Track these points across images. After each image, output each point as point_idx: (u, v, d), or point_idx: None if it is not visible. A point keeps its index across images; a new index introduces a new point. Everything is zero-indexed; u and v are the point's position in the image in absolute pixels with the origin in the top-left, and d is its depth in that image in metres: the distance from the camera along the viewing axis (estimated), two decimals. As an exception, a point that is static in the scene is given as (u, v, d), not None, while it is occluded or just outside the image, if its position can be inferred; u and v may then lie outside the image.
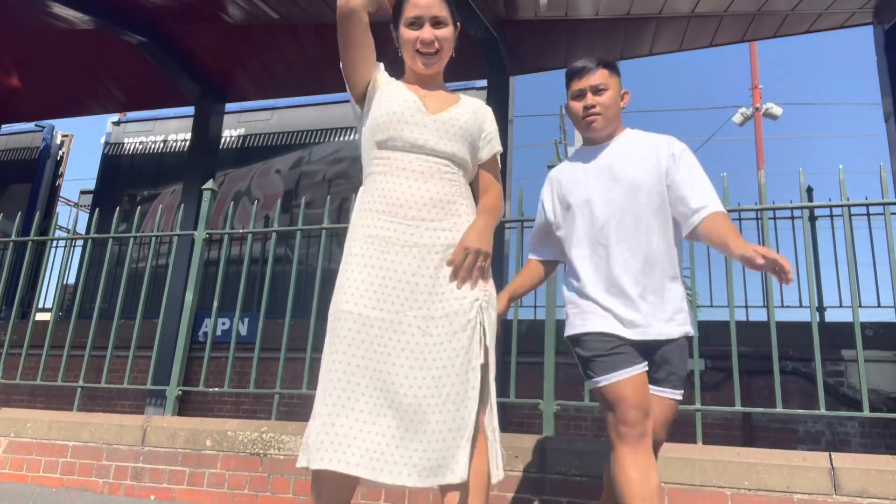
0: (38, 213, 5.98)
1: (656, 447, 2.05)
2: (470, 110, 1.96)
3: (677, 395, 2.09)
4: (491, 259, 1.86)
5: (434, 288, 1.77)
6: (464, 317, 1.75)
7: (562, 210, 2.25)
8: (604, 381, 2.01)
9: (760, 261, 1.85)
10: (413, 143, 1.85)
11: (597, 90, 2.19)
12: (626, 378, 1.98)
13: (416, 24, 1.91)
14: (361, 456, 1.65)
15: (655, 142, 2.22)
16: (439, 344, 1.73)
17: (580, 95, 2.22)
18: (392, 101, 1.90)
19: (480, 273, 1.82)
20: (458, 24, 2.01)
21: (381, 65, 2.03)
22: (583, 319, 2.09)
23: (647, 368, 2.03)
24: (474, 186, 2.03)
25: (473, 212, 1.92)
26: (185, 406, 8.01)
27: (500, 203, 2.02)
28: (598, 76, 2.19)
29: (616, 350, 2.02)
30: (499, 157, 2.07)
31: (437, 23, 1.91)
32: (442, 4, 1.93)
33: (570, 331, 2.13)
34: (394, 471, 1.65)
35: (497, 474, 1.77)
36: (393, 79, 2.03)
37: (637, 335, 2.03)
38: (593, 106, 2.18)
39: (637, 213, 2.10)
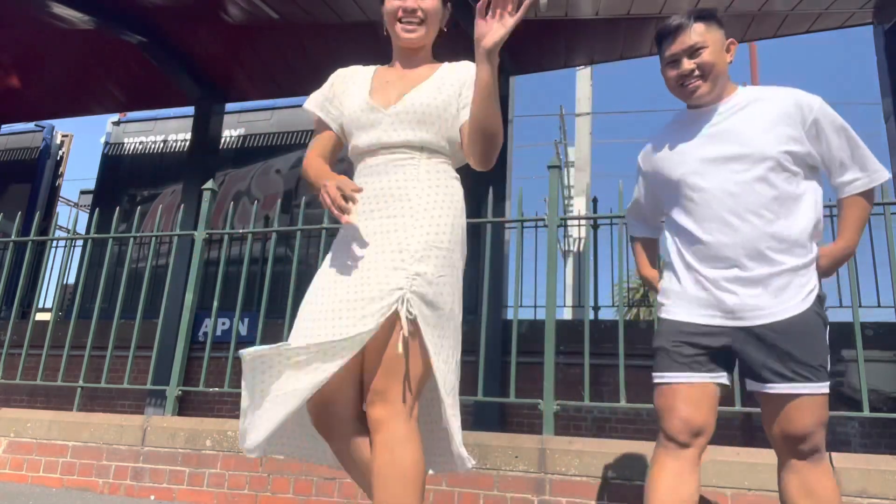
0: (38, 213, 5.98)
1: (807, 456, 1.81)
2: (437, 84, 1.84)
3: (798, 388, 1.77)
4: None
5: (364, 272, 1.71)
6: (377, 303, 1.65)
7: (661, 183, 2.01)
8: (657, 378, 1.88)
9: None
10: (369, 146, 1.84)
11: (694, 52, 1.88)
12: (682, 384, 1.83)
13: None
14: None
15: (784, 102, 1.87)
16: (344, 328, 1.65)
17: (675, 62, 1.91)
18: (350, 104, 1.89)
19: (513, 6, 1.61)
20: (448, 2, 1.93)
21: (337, 74, 2.00)
22: (669, 304, 1.94)
23: (721, 378, 1.84)
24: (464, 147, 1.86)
25: (429, 192, 1.78)
26: (185, 406, 8.00)
27: None
28: (694, 34, 1.88)
29: (686, 348, 1.84)
30: None
31: None
32: None
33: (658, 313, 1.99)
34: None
35: (460, 465, 1.76)
36: (361, 69, 1.99)
37: (735, 323, 1.82)
38: (692, 71, 1.89)
39: (756, 189, 1.82)
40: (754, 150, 1.84)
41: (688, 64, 1.89)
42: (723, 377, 1.85)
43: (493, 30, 1.63)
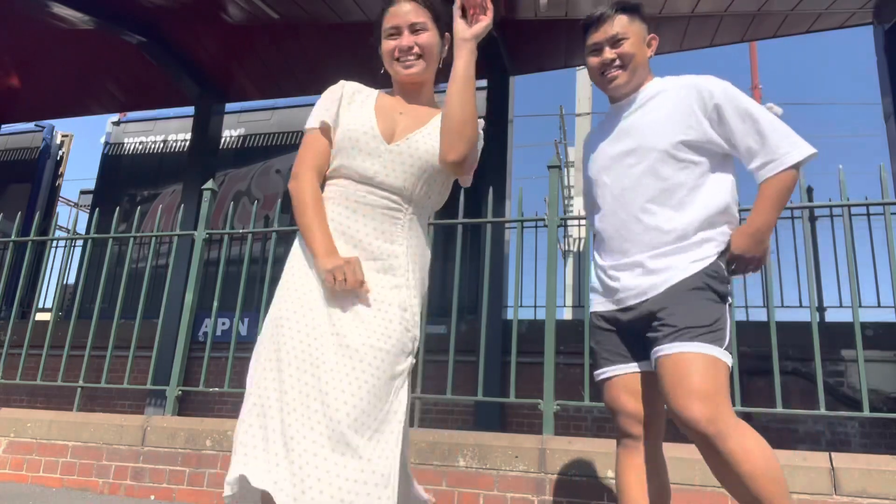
0: (38, 213, 5.98)
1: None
2: (437, 134, 1.83)
3: (675, 347, 1.71)
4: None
5: (372, 313, 1.71)
6: (398, 358, 1.68)
7: (589, 179, 2.06)
8: (596, 377, 1.95)
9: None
10: (363, 175, 1.79)
11: (615, 42, 1.93)
12: (615, 377, 1.89)
13: (395, 33, 1.86)
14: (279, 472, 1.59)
15: (684, 90, 1.89)
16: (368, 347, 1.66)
17: (597, 50, 1.96)
18: (353, 121, 1.83)
19: (482, 9, 1.76)
20: (445, 33, 1.90)
21: (344, 84, 1.93)
22: (590, 300, 2.01)
23: (636, 368, 1.87)
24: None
25: (412, 251, 1.81)
26: (185, 406, 8.01)
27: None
28: (617, 24, 1.93)
29: (607, 340, 1.91)
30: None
31: (416, 30, 1.85)
32: (421, 10, 1.86)
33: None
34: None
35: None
36: (364, 89, 1.94)
37: (619, 305, 1.87)
38: (613, 60, 1.93)
39: (644, 182, 1.86)
40: (644, 142, 1.88)
41: (609, 53, 1.94)
42: (648, 365, 1.87)
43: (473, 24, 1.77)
